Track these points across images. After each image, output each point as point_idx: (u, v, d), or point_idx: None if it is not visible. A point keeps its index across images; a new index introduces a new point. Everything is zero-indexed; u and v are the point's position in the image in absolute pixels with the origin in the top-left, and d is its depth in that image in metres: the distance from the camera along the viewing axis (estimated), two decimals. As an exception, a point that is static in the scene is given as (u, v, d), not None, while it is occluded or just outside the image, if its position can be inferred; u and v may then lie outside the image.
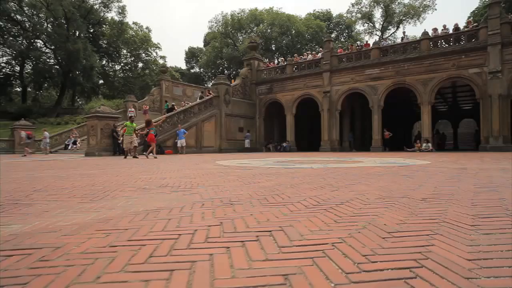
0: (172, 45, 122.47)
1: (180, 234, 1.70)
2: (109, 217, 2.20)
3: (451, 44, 18.49)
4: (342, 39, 49.47)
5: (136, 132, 15.20)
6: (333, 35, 47.78)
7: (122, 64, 51.99)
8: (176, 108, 23.65)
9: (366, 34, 48.43)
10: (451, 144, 32.97)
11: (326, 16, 51.60)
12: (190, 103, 23.91)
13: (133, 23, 50.14)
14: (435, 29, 19.90)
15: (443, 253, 1.35)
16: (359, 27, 49.75)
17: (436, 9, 57.63)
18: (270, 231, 1.73)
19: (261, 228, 1.81)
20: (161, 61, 51.87)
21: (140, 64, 52.35)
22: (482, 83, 17.32)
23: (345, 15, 50.16)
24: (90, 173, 6.22)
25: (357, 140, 24.51)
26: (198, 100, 24.47)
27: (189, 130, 20.91)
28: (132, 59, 51.51)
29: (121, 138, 18.29)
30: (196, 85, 37.88)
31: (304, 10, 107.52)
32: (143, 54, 51.44)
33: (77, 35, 39.44)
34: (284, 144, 23.64)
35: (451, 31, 19.16)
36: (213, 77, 48.28)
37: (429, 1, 43.66)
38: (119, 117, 20.93)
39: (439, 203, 2.48)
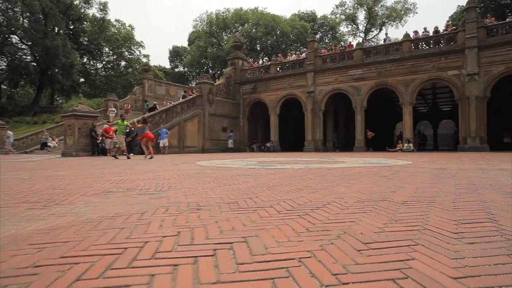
0: (156, 44, 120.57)
1: (126, 248, 1.46)
2: (54, 226, 1.93)
3: (432, 46, 18.82)
4: (326, 40, 49.84)
5: (133, 125, 14.64)
6: (317, 36, 48.06)
7: (104, 62, 50.56)
8: (158, 107, 23.17)
9: (350, 35, 49.05)
10: (431, 145, 33.70)
11: (310, 17, 51.87)
12: (173, 103, 23.48)
13: (116, 20, 48.88)
14: (416, 32, 20.21)
15: (425, 270, 1.17)
16: (343, 28, 50.32)
17: (417, 13, 59.03)
18: (231, 243, 1.51)
19: (223, 239, 1.59)
20: (144, 60, 50.73)
21: (123, 63, 51.02)
22: (460, 84, 17.68)
23: (329, 16, 50.60)
24: (59, 174, 5.84)
25: (340, 140, 24.64)
26: (181, 100, 24.07)
27: (171, 130, 20.47)
28: (114, 57, 50.16)
29: (100, 138, 17.73)
30: (179, 84, 37.25)
31: (288, 10, 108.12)
32: (126, 53, 50.17)
33: (56, 31, 38.05)
34: (268, 144, 23.49)
35: (431, 34, 19.51)
36: (197, 77, 47.63)
37: (410, 5, 44.65)
38: (98, 116, 20.25)
39: (420, 207, 2.33)
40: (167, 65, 62.07)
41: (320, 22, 51.93)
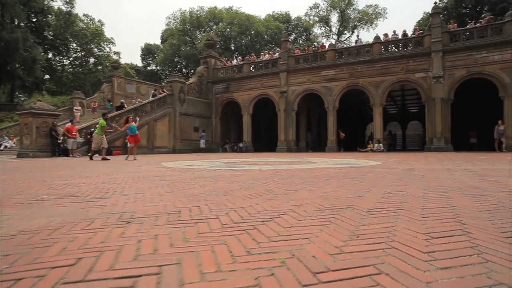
0: (128, 41, 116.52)
1: (-18, 291, 1.04)
2: None
3: (400, 49, 19.26)
4: (300, 41, 50.20)
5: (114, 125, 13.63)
6: (292, 37, 48.33)
7: (71, 59, 47.95)
8: (126, 106, 22.20)
9: (324, 37, 49.65)
10: (400, 145, 34.78)
11: (285, 18, 52.04)
12: (142, 101, 22.63)
13: (84, 15, 46.47)
14: (386, 34, 20.63)
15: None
16: (317, 30, 50.92)
17: (387, 18, 61.17)
18: (138, 276, 1.13)
19: (131, 270, 1.20)
20: (115, 57, 48.66)
21: (92, 60, 48.69)
22: (427, 87, 18.19)
23: (303, 18, 51.00)
24: (-5, 178, 5.15)
25: (313, 140, 24.73)
26: (151, 98, 23.24)
27: (140, 129, 19.55)
28: (82, 53, 47.70)
29: (61, 138, 16.62)
30: (151, 83, 36.01)
31: (263, 11, 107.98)
32: (95, 49, 47.87)
33: (15, 23, 35.54)
34: (241, 145, 23.12)
35: (400, 37, 19.97)
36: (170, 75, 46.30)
37: (381, 9, 46.04)
38: (59, 115, 19.01)
39: (387, 216, 2.05)
40: (139, 63, 60.06)
41: (294, 23, 52.26)
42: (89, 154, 12.55)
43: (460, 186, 3.56)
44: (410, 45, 19.04)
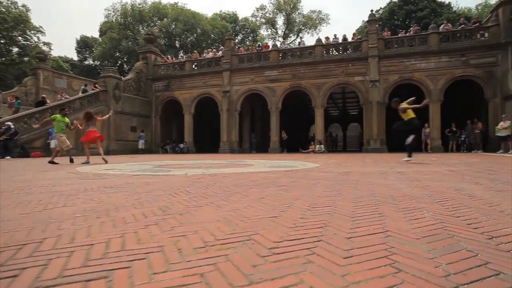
0: (62, 32, 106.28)
1: None
2: None
3: (341, 52, 19.78)
4: (247, 42, 50.04)
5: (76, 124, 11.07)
6: (239, 38, 47.93)
7: (-14, 47, 41.68)
8: (48, 101, 19.72)
9: (270, 39, 50.19)
10: (341, 146, 36.27)
11: (232, 18, 51.49)
12: (70, 97, 20.32)
13: (3, -3, 40.70)
14: (327, 38, 21.09)
15: None
16: (263, 32, 51.27)
17: (329, 23, 64.05)
18: None
19: None
20: (45, 48, 43.37)
21: (16, 49, 42.86)
22: (364, 90, 18.90)
23: (250, 19, 50.97)
24: None
25: (258, 141, 24.43)
26: (81, 94, 21.02)
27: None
28: (2, 41, 41.77)
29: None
30: (85, 78, 32.72)
31: (210, 9, 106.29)
32: (20, 38, 42.24)
33: None
34: (182, 145, 21.91)
35: (340, 41, 20.53)
36: (110, 71, 42.60)
37: (324, 15, 48.01)
38: (-42, 110, 16.07)
39: (296, 257, 1.39)
40: (74, 56, 54.71)
41: (242, 24, 51.96)
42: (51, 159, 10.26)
43: (393, 195, 3.15)
44: (350, 49, 19.65)
